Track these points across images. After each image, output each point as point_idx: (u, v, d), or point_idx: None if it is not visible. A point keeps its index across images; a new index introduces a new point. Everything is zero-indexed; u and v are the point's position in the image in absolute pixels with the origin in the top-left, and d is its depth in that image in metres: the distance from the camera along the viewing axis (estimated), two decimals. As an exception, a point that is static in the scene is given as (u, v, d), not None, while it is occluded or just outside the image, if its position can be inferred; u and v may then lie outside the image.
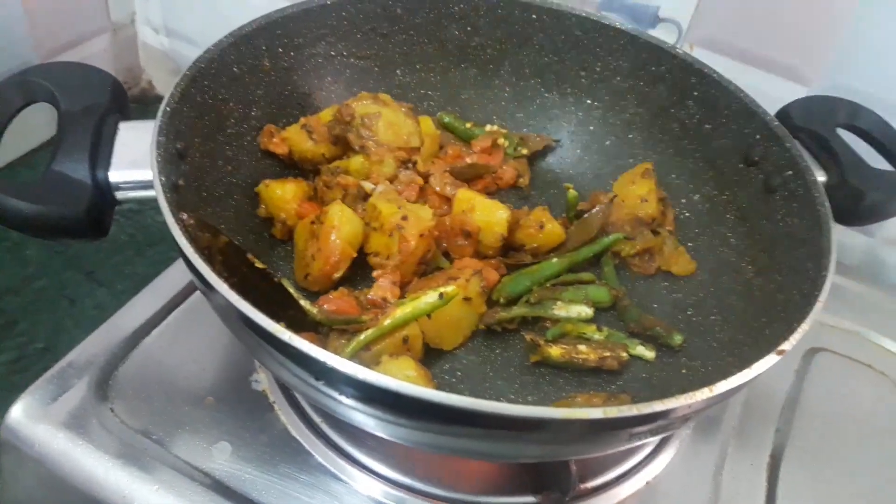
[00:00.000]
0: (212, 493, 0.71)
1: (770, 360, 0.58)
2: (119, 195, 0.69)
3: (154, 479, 0.72)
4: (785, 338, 0.60)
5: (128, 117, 0.73)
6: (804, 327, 0.62)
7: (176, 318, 0.87)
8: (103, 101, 0.72)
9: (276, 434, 0.76)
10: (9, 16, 1.28)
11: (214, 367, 0.82)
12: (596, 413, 0.52)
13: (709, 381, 0.57)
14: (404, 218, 0.77)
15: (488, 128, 1.00)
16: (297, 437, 0.76)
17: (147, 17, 1.54)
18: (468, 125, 0.99)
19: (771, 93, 0.99)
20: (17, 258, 1.29)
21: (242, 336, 0.62)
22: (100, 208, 0.68)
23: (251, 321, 0.55)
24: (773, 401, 0.89)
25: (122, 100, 0.75)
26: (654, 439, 0.79)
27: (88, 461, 0.73)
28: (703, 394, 0.55)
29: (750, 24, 1.02)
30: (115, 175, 0.68)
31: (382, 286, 0.75)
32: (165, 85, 1.63)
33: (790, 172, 0.80)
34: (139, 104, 1.64)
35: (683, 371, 0.78)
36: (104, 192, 0.68)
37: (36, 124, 0.80)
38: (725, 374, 0.58)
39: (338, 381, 0.55)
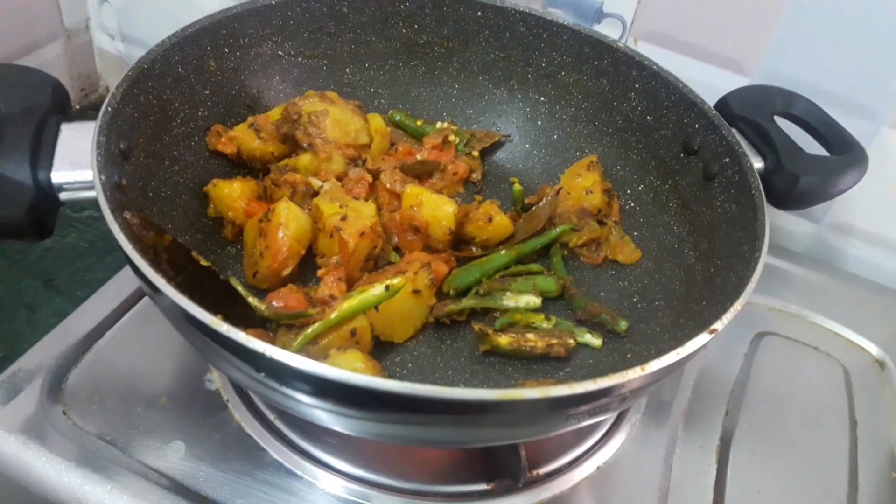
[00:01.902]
0: (166, 492, 0.71)
1: (702, 339, 0.60)
2: (63, 196, 0.69)
3: (108, 480, 0.72)
4: (717, 317, 0.62)
5: (70, 119, 0.73)
6: (736, 307, 0.63)
7: (129, 320, 0.87)
8: (44, 103, 0.72)
9: (229, 432, 0.77)
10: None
11: (168, 368, 0.82)
12: (531, 393, 0.53)
13: (651, 361, 0.59)
14: (343, 218, 0.78)
15: (439, 125, 1.01)
16: (252, 435, 0.77)
17: (102, 22, 1.53)
18: (419, 123, 1.01)
19: (714, 84, 1.02)
20: (-28, 267, 1.28)
21: (186, 333, 0.63)
22: (42, 209, 0.68)
23: (190, 315, 0.56)
24: (722, 384, 0.91)
25: (64, 101, 0.75)
26: (595, 420, 0.79)
27: (41, 464, 0.72)
28: (636, 372, 0.56)
29: (692, 17, 1.04)
30: (57, 176, 0.68)
31: (328, 283, 0.76)
32: (123, 91, 1.61)
33: (727, 160, 0.82)
34: (96, 110, 1.62)
35: (629, 356, 0.79)
36: (46, 193, 0.68)
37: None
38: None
39: (281, 373, 0.55)
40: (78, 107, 1.62)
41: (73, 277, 1.31)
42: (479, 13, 0.98)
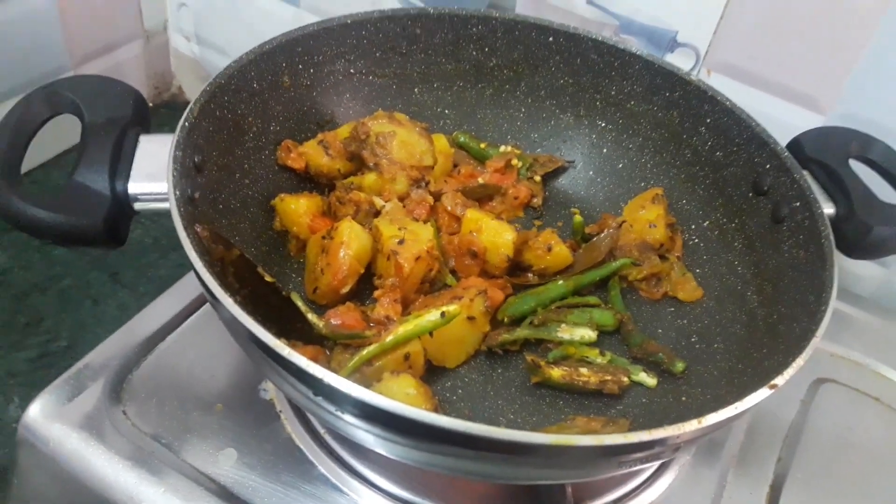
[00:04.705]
0: (216, 499, 0.73)
1: (762, 394, 0.59)
2: (137, 206, 0.72)
3: (161, 482, 0.74)
4: (779, 372, 0.61)
5: (149, 130, 0.76)
6: (799, 362, 0.62)
7: (190, 325, 0.89)
8: (126, 114, 0.75)
9: (280, 443, 0.78)
10: (44, 22, 1.32)
11: (225, 375, 0.84)
12: (585, 440, 0.53)
13: (706, 409, 0.58)
14: (401, 241, 0.79)
15: (503, 148, 1.01)
16: (302, 447, 0.78)
17: (179, 25, 1.58)
18: (483, 145, 1.01)
19: (787, 120, 1.00)
20: (44, 257, 1.33)
21: (247, 349, 0.64)
22: (117, 219, 0.70)
23: (254, 336, 0.57)
24: (776, 429, 0.89)
25: (144, 113, 0.77)
26: (648, 466, 0.79)
27: (99, 461, 0.75)
28: (692, 425, 0.55)
29: (768, 51, 1.02)
30: (133, 187, 0.71)
31: (384, 305, 0.76)
32: (195, 91, 1.65)
33: (797, 204, 0.80)
34: (168, 109, 1.68)
35: (684, 398, 0.78)
36: (122, 204, 0.70)
37: (64, 129, 0.83)
38: (723, 404, 0.59)
39: (336, 398, 0.57)
40: (151, 104, 1.67)
41: (138, 272, 1.36)
42: (550, 38, 0.98)
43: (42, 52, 1.33)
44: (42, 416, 0.78)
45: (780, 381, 0.60)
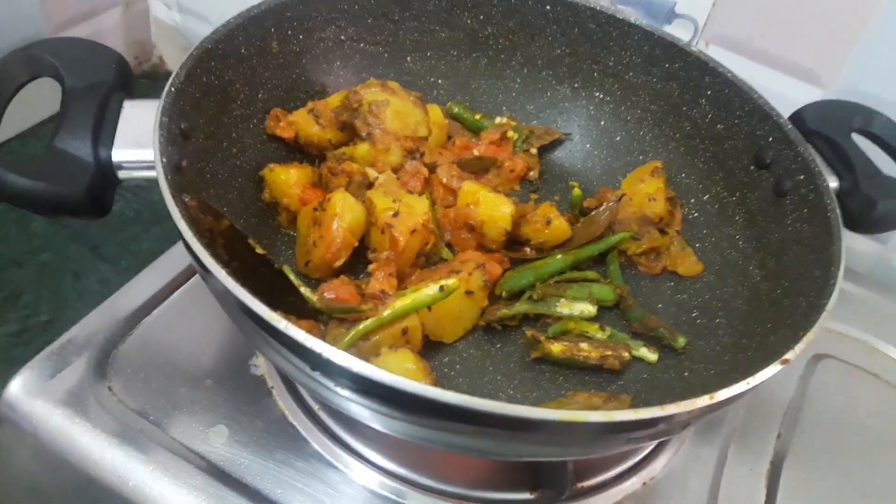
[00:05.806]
0: (207, 476, 0.71)
1: (773, 370, 0.58)
2: (121, 174, 0.69)
3: (150, 460, 0.72)
4: (789, 347, 0.59)
5: (132, 96, 0.73)
6: (809, 337, 0.61)
7: (177, 298, 0.86)
8: (108, 79, 0.72)
9: (273, 419, 0.76)
10: (21, -13, 1.27)
11: (214, 350, 0.82)
12: (595, 416, 0.52)
13: (710, 385, 0.57)
14: (395, 214, 0.76)
15: (498, 120, 0.99)
16: (294, 424, 0.76)
17: (160, -8, 1.54)
18: (477, 117, 0.98)
19: (786, 94, 0.98)
20: (22, 231, 1.29)
21: (240, 322, 0.62)
22: (101, 187, 0.67)
23: (249, 309, 0.55)
24: (776, 406, 0.88)
25: (127, 78, 0.74)
26: (652, 443, 0.78)
27: (85, 439, 0.73)
28: (704, 401, 0.54)
29: (767, 24, 1.00)
30: (117, 154, 0.67)
31: (378, 279, 0.74)
32: (176, 61, 1.61)
33: (801, 177, 0.78)
34: (149, 79, 1.63)
35: (686, 374, 0.77)
36: (106, 171, 0.67)
37: (45, 97, 0.79)
38: (727, 379, 0.57)
39: (334, 372, 0.55)
40: (131, 75, 1.63)
41: (119, 246, 1.32)
42: (547, 7, 0.95)
43: (18, 19, 1.29)
44: (24, 392, 0.75)
45: (790, 355, 0.59)
